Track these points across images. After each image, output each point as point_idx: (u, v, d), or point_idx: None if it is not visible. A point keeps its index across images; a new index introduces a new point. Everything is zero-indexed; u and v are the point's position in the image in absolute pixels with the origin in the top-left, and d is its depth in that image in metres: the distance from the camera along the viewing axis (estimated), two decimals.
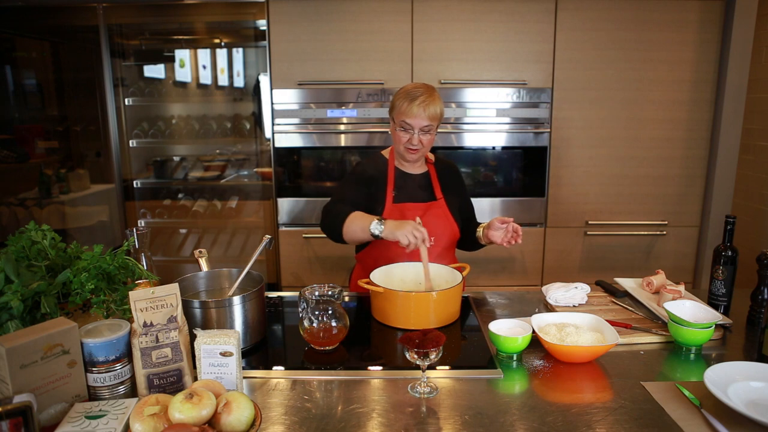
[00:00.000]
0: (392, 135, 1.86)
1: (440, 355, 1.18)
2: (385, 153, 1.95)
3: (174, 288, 1.18)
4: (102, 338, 1.11)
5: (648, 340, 1.45)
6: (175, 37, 3.17)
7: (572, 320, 1.43)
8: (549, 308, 1.67)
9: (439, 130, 2.81)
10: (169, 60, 3.18)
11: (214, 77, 3.23)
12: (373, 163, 1.93)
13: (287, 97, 2.81)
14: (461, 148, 2.87)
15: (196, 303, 1.34)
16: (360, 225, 1.66)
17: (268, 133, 2.90)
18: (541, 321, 1.43)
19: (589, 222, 2.94)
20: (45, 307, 1.22)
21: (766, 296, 1.51)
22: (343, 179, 1.98)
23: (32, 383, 1.02)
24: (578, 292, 1.67)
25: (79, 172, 3.24)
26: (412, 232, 1.55)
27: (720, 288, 1.59)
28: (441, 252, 1.87)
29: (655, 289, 1.71)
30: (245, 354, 1.39)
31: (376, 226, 1.62)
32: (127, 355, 1.15)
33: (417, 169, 1.93)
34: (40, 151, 3.23)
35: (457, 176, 2.02)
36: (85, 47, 3.13)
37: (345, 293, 1.82)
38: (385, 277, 1.68)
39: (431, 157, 1.97)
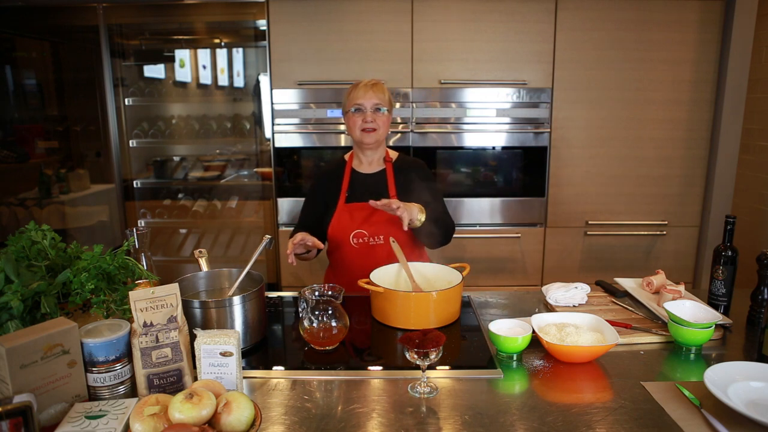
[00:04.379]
0: (348, 128, 1.92)
1: (440, 355, 1.17)
2: (347, 156, 2.02)
3: (174, 288, 1.18)
4: (102, 338, 1.11)
5: (648, 340, 1.44)
6: (175, 37, 3.17)
7: (572, 320, 1.43)
8: (549, 308, 1.67)
9: (439, 130, 2.83)
10: (169, 60, 3.18)
11: (214, 77, 3.23)
12: (330, 167, 2.03)
13: (287, 97, 2.81)
14: (461, 148, 2.87)
15: (196, 303, 1.34)
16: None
17: (268, 133, 2.90)
18: (541, 321, 1.43)
19: (589, 222, 2.94)
20: (45, 307, 1.22)
21: (766, 296, 1.51)
22: (307, 192, 2.10)
23: (32, 383, 1.02)
24: (578, 292, 1.67)
25: (79, 172, 3.24)
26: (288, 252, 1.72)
27: (720, 288, 1.59)
28: (395, 250, 1.79)
29: (655, 289, 1.71)
30: (245, 354, 1.39)
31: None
32: (127, 355, 1.15)
33: (374, 167, 1.96)
34: (40, 151, 3.23)
35: (420, 174, 1.95)
36: (85, 47, 3.13)
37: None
38: (385, 277, 1.68)
39: (392, 155, 1.99)
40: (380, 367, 1.31)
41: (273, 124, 2.83)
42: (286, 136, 2.84)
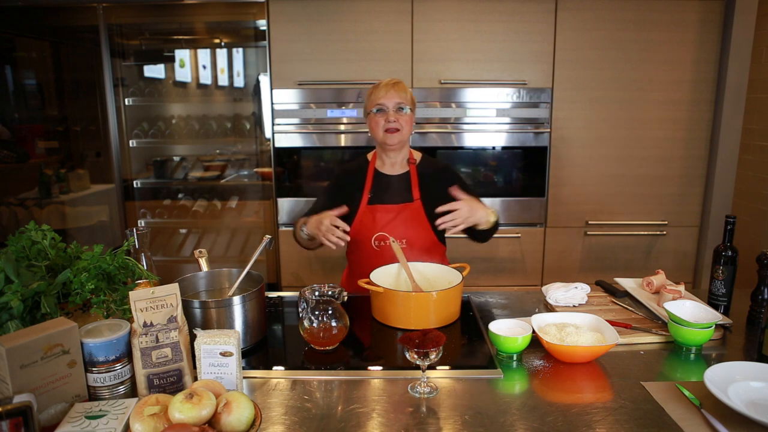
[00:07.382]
0: (371, 130, 1.89)
1: (440, 355, 1.18)
2: (370, 156, 1.98)
3: (174, 288, 1.18)
4: (102, 338, 1.11)
5: (648, 340, 1.45)
6: (175, 37, 3.17)
7: (572, 320, 1.43)
8: (549, 308, 1.67)
9: (439, 130, 2.83)
10: (169, 60, 3.18)
11: (214, 77, 3.23)
12: (353, 166, 1.98)
13: (287, 97, 2.81)
14: (461, 148, 2.87)
15: (196, 303, 1.34)
16: (298, 231, 1.82)
17: (268, 133, 2.90)
18: (541, 321, 1.43)
19: (589, 222, 2.94)
20: (45, 307, 1.21)
21: (766, 296, 1.51)
22: (324, 186, 2.04)
23: (32, 383, 1.02)
24: (578, 292, 1.67)
25: (79, 172, 3.24)
26: (326, 234, 1.63)
27: (720, 288, 1.59)
28: (417, 255, 1.80)
29: (655, 289, 1.71)
30: (245, 354, 1.39)
31: (303, 228, 1.77)
32: (127, 355, 1.15)
33: (398, 169, 1.93)
34: (40, 151, 3.23)
35: (446, 176, 1.93)
36: (85, 47, 3.13)
37: (345, 293, 1.82)
38: (385, 277, 1.68)
39: (416, 157, 1.96)
40: (380, 367, 1.31)
41: (273, 124, 2.83)
42: (286, 136, 2.84)
